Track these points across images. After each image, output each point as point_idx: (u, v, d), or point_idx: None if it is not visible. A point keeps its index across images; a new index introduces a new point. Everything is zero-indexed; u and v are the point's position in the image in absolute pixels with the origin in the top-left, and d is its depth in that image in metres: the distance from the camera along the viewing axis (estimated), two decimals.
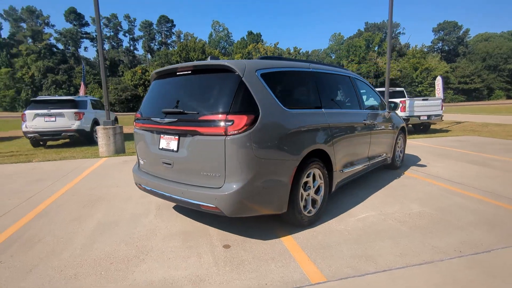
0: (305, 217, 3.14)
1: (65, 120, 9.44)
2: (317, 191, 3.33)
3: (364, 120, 4.16)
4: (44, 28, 60.90)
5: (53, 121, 9.34)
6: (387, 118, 4.92)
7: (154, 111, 3.13)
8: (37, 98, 10.05)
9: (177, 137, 2.85)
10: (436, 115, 10.54)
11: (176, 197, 2.86)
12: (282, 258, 2.59)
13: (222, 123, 2.54)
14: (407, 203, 3.84)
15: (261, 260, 2.57)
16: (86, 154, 8.18)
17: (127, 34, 66.16)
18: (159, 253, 2.72)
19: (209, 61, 2.89)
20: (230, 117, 2.53)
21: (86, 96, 11.50)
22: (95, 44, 62.35)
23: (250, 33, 59.57)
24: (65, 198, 4.31)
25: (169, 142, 2.93)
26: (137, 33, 66.69)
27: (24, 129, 9.29)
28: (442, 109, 10.71)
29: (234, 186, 2.56)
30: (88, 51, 65.65)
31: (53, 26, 61.03)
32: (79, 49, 62.13)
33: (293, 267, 2.44)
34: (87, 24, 61.39)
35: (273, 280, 2.28)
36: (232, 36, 66.81)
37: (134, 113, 4.22)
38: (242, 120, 2.53)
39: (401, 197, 4.07)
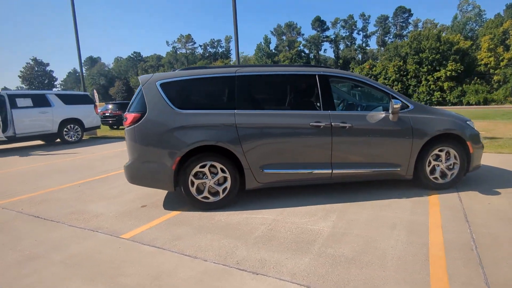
0: (199, 201, 3.69)
1: None
2: (221, 183, 3.73)
3: (317, 122, 3.72)
4: (298, 37, 73.83)
5: None
6: (391, 121, 3.84)
7: None
8: None
9: None
10: None
11: None
12: (139, 219, 3.52)
13: (124, 119, 3.76)
14: (329, 219, 3.27)
15: (132, 217, 3.60)
16: None
17: (360, 32, 68.07)
18: (112, 199, 4.33)
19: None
20: (126, 115, 3.72)
21: None
22: (332, 46, 68.88)
23: (510, 6, 44.43)
24: None
25: None
26: (371, 29, 67.22)
27: None
28: None
29: (127, 162, 3.73)
30: (327, 52, 73.09)
31: (302, 35, 72.72)
32: (319, 52, 70.76)
33: (127, 226, 3.34)
34: (327, 29, 68.69)
35: (109, 224, 3.37)
36: (485, 14, 52.70)
37: None
38: (130, 117, 3.65)
39: (340, 215, 3.40)
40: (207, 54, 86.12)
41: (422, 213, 3.36)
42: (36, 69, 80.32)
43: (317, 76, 3.93)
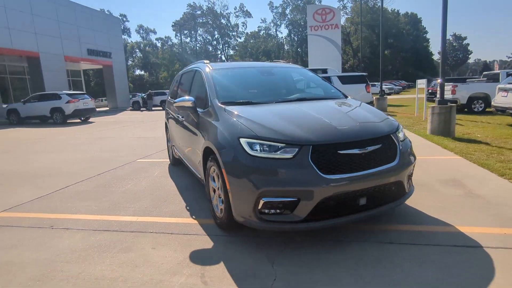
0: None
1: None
2: None
3: (177, 113, 4.72)
4: None
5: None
6: (192, 117, 3.84)
7: None
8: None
9: None
10: None
11: None
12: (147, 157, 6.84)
13: None
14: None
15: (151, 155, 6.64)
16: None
17: None
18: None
19: None
20: None
21: None
22: None
23: None
24: None
25: None
26: None
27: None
28: None
29: None
30: None
31: None
32: None
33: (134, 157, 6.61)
34: None
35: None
36: None
37: None
38: None
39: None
40: None
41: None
42: (454, 44, 79.69)
43: (195, 72, 4.52)
